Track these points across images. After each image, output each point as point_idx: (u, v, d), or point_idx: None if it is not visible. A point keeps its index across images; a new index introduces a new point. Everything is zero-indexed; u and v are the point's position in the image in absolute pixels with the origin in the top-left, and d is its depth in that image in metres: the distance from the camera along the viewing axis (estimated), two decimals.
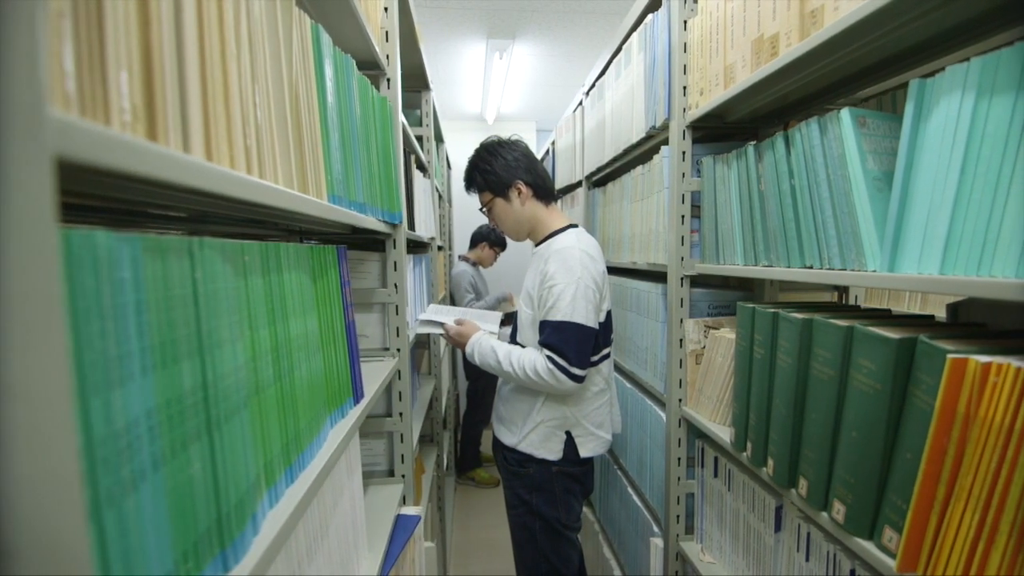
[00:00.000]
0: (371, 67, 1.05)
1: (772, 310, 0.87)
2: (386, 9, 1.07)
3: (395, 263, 1.10)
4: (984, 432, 0.55)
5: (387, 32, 1.07)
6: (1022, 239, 0.53)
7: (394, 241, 1.10)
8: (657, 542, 1.33)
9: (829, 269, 0.78)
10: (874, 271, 0.70)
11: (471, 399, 3.11)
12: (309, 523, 0.63)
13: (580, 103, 2.01)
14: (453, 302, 2.80)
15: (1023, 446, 0.51)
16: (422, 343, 1.97)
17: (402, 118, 1.22)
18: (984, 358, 0.55)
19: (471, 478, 3.18)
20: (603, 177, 1.84)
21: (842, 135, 0.75)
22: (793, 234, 0.86)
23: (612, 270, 1.79)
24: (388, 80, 1.08)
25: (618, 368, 1.72)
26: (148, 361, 0.32)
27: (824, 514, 0.75)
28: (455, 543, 2.51)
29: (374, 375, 0.98)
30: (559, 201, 2.54)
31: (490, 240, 2.88)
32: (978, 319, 0.81)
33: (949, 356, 0.57)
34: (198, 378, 0.37)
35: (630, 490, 1.59)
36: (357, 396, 0.80)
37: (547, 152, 2.83)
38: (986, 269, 0.56)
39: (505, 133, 1.45)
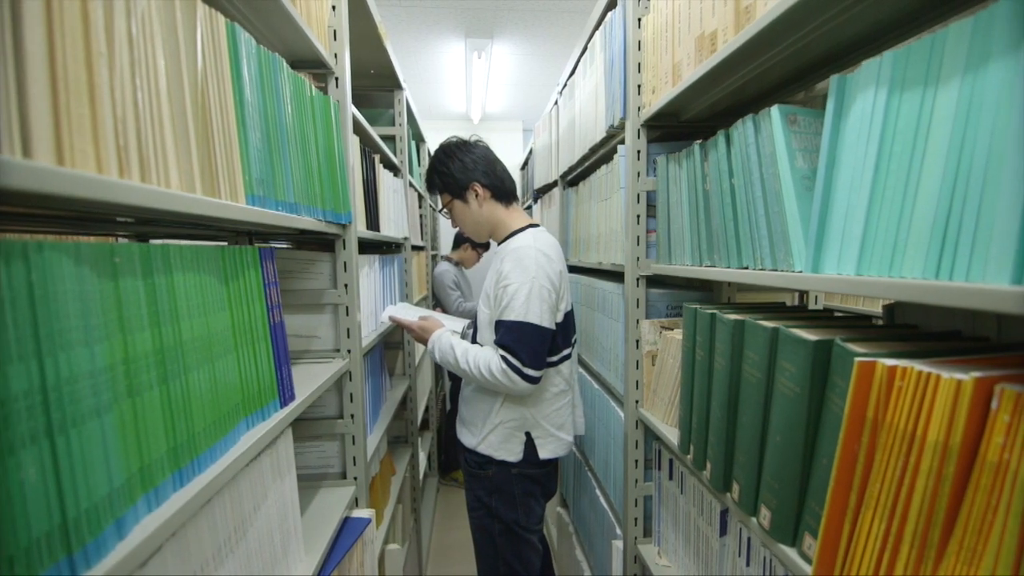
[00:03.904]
0: (316, 66, 1.04)
1: (711, 311, 0.85)
2: (334, 8, 1.06)
3: (345, 263, 1.10)
4: (891, 438, 0.53)
5: (335, 31, 1.06)
6: (928, 239, 0.52)
7: (344, 241, 1.10)
8: (618, 544, 1.32)
9: (761, 270, 0.77)
10: (800, 272, 0.69)
11: (454, 400, 3.10)
12: (219, 525, 0.62)
13: (555, 102, 1.99)
14: (437, 301, 2.79)
15: (924, 453, 0.50)
16: (396, 344, 1.96)
17: (355, 116, 1.21)
18: (891, 361, 0.53)
19: (454, 479, 3.17)
20: (575, 177, 1.83)
21: (772, 133, 0.73)
22: (732, 234, 0.85)
23: (582, 270, 1.78)
24: (336, 79, 1.07)
25: (587, 369, 1.71)
26: None
27: (754, 519, 0.73)
28: (435, 544, 2.50)
29: (318, 377, 0.97)
30: (538, 201, 2.53)
31: (472, 241, 2.88)
32: (912, 320, 0.79)
33: (856, 359, 0.55)
34: (35, 381, 0.37)
35: (597, 491, 1.58)
36: (285, 398, 0.79)
37: (530, 152, 2.82)
38: (897, 270, 0.55)
39: (492, 133, 1.45)
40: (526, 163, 3.05)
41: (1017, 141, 0.43)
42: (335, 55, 1.07)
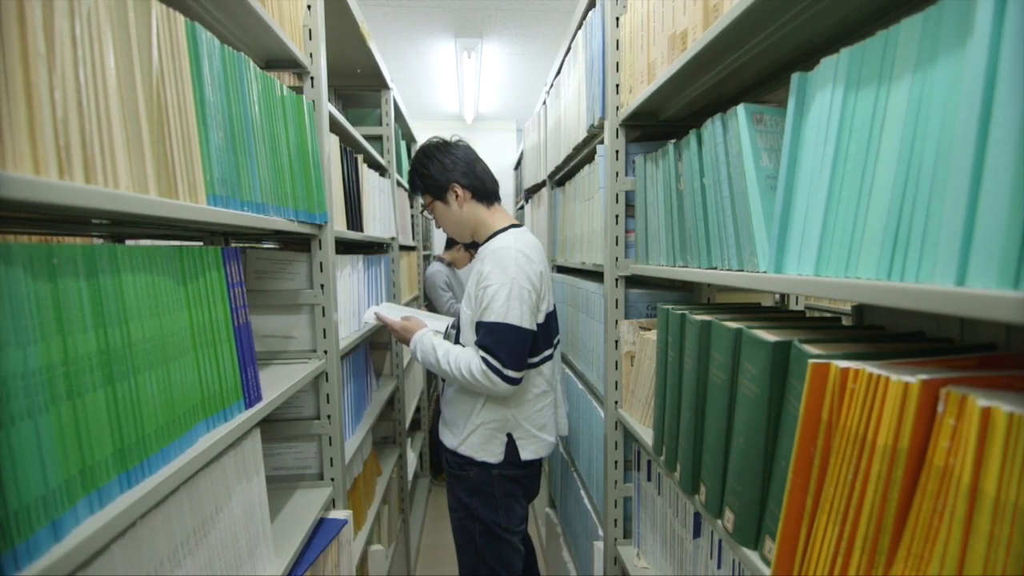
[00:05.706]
0: (292, 65, 1.04)
1: (681, 312, 0.85)
2: (309, 7, 1.06)
3: (321, 264, 1.09)
4: (844, 441, 0.53)
5: (311, 30, 1.06)
6: (881, 239, 0.51)
7: (320, 242, 1.09)
8: (599, 545, 1.32)
9: (728, 270, 0.76)
10: (764, 272, 0.68)
11: None
12: (175, 527, 0.62)
13: (544, 102, 1.99)
14: (429, 302, 2.79)
15: (875, 457, 0.49)
16: (383, 344, 1.96)
17: (334, 116, 1.21)
18: (844, 363, 0.53)
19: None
20: (561, 177, 1.83)
21: (739, 132, 0.73)
22: (703, 234, 0.84)
23: (567, 271, 1.78)
24: (312, 79, 1.07)
25: (571, 369, 1.70)
26: None
27: (719, 522, 0.73)
28: (425, 544, 2.50)
29: (292, 377, 0.97)
30: (529, 201, 2.53)
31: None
32: (880, 321, 0.79)
33: (810, 361, 0.54)
34: None
35: (582, 492, 1.57)
36: (250, 399, 0.79)
37: (522, 151, 2.82)
38: (852, 270, 0.54)
39: (486, 133, 1.45)
40: (519, 163, 3.04)
41: (962, 140, 0.42)
42: (310, 55, 1.06)
